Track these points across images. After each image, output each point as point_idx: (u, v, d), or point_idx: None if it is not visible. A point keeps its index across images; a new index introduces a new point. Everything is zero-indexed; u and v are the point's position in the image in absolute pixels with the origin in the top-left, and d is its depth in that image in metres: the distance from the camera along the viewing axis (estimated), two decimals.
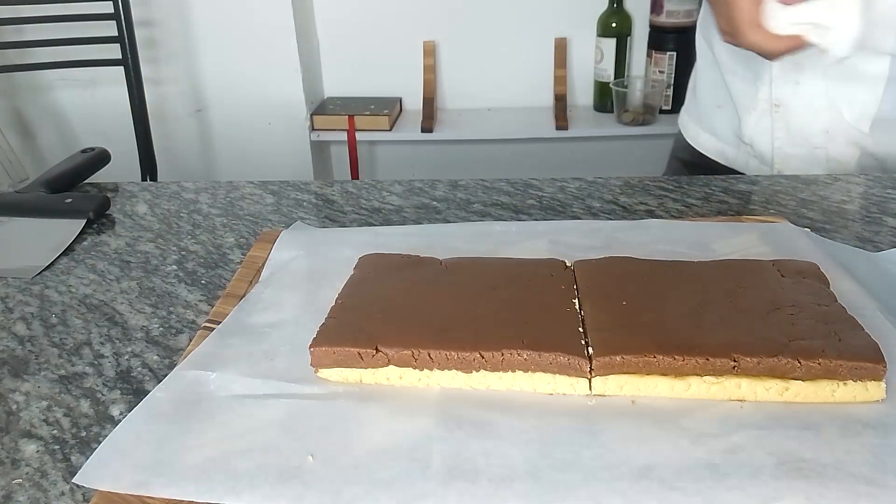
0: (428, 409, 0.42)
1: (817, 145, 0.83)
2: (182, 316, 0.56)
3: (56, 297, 0.59)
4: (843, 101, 0.80)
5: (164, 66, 1.99)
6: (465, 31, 2.05)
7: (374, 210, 0.71)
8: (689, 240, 0.59)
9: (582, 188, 0.74)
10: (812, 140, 0.83)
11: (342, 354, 0.44)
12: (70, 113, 2.07)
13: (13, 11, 1.66)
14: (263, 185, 0.78)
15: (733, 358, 0.41)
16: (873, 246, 0.61)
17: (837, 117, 0.81)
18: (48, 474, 0.41)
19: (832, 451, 0.37)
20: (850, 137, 0.81)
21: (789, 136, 0.85)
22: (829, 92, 0.80)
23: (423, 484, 0.36)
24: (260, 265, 0.58)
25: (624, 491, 0.35)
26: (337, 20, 2.06)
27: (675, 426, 0.39)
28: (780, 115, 0.84)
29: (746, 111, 0.87)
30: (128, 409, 0.44)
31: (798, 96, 0.82)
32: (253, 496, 0.36)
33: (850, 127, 0.80)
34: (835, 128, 0.81)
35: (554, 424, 0.40)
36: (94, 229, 0.70)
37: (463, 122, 2.06)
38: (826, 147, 0.83)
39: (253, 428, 0.41)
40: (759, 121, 0.86)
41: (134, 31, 1.59)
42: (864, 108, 0.79)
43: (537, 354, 0.42)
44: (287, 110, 2.02)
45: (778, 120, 0.84)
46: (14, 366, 0.51)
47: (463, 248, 0.57)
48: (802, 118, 0.83)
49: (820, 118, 0.82)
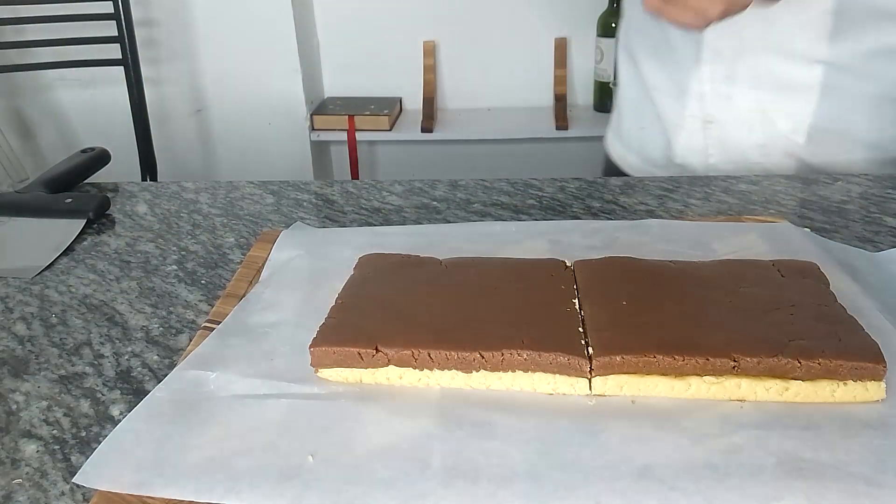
0: (428, 409, 0.42)
1: (754, 160, 0.81)
2: (182, 316, 0.56)
3: (56, 297, 0.59)
4: (776, 112, 0.78)
5: (164, 66, 1.99)
6: (465, 31, 2.05)
7: (374, 210, 0.71)
8: (689, 240, 0.59)
9: (582, 188, 0.74)
10: (748, 155, 0.81)
11: (342, 354, 0.44)
12: (70, 113, 2.07)
13: (13, 11, 1.66)
14: (263, 185, 0.78)
15: (733, 358, 0.41)
16: (873, 246, 0.61)
17: (772, 130, 0.79)
18: (48, 474, 0.41)
19: (832, 451, 0.37)
20: (787, 149, 0.79)
21: (724, 152, 0.82)
22: (763, 104, 0.78)
23: (423, 484, 0.36)
24: (260, 265, 0.58)
25: (624, 491, 0.35)
26: (337, 20, 2.06)
27: (675, 426, 0.40)
28: (712, 131, 0.81)
29: (676, 130, 0.84)
30: (128, 409, 0.44)
31: (731, 111, 0.79)
32: (253, 496, 0.36)
33: (786, 139, 0.78)
34: (770, 141, 0.79)
35: (554, 424, 0.40)
36: (94, 229, 0.70)
37: (463, 122, 2.06)
38: (762, 161, 0.80)
39: (253, 428, 0.41)
40: (691, 139, 0.83)
41: (134, 31, 1.59)
42: (798, 118, 0.77)
43: (537, 354, 0.42)
44: (287, 110, 2.02)
45: (711, 137, 0.81)
46: (14, 366, 0.51)
47: (463, 248, 0.57)
48: (737, 133, 0.80)
49: (755, 132, 0.79)
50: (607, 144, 0.98)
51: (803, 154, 0.79)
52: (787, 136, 0.78)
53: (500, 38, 2.04)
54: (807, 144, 0.78)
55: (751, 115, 0.79)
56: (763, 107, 0.78)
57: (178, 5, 1.92)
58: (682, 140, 0.84)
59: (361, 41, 2.07)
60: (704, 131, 0.81)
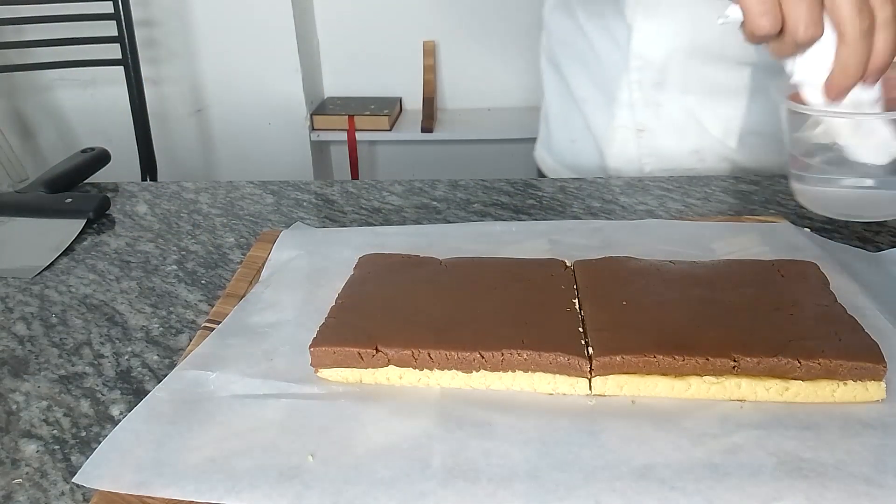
0: (428, 409, 0.42)
1: (689, 166, 0.79)
2: (182, 316, 0.56)
3: (56, 297, 0.59)
4: (707, 117, 0.77)
5: (164, 66, 1.99)
6: (465, 31, 2.05)
7: (374, 210, 0.71)
8: (689, 240, 0.59)
9: (582, 188, 0.74)
10: (683, 162, 0.80)
11: (342, 354, 0.44)
12: (70, 113, 2.07)
13: (13, 11, 1.66)
14: (263, 185, 0.78)
15: (733, 358, 0.41)
16: (873, 246, 0.61)
17: (705, 135, 0.78)
18: (48, 474, 0.41)
19: (832, 451, 0.37)
20: (720, 154, 0.78)
21: (658, 160, 0.81)
22: (693, 110, 0.77)
23: (423, 484, 0.36)
24: (260, 265, 0.58)
25: (624, 491, 0.35)
26: (337, 20, 2.06)
27: (675, 426, 0.39)
28: (645, 140, 0.80)
29: (607, 141, 0.82)
30: (128, 409, 0.44)
31: (661, 118, 0.78)
32: (253, 496, 0.36)
33: (719, 143, 0.78)
34: (704, 146, 0.78)
35: (554, 424, 0.40)
36: (94, 229, 0.70)
37: (463, 122, 2.06)
38: (697, 167, 0.79)
39: (253, 428, 0.41)
40: (624, 149, 0.81)
41: (134, 31, 1.59)
42: (729, 123, 0.76)
43: (537, 354, 0.42)
44: (287, 110, 2.02)
45: (644, 146, 0.80)
46: (14, 366, 0.51)
47: (463, 248, 0.57)
48: (669, 140, 0.79)
49: (687, 138, 0.78)
50: (537, 157, 0.96)
51: (737, 158, 0.78)
52: (719, 140, 0.77)
53: (500, 38, 2.04)
54: (739, 148, 0.77)
55: (682, 121, 0.78)
56: (694, 112, 0.77)
57: (178, 5, 1.92)
58: (615, 150, 0.82)
59: (361, 41, 2.07)
60: (637, 140, 0.80)
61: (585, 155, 0.86)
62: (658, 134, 0.79)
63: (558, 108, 0.89)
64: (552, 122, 0.92)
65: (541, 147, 0.96)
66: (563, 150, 0.90)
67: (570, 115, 0.87)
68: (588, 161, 0.86)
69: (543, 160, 0.95)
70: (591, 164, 0.86)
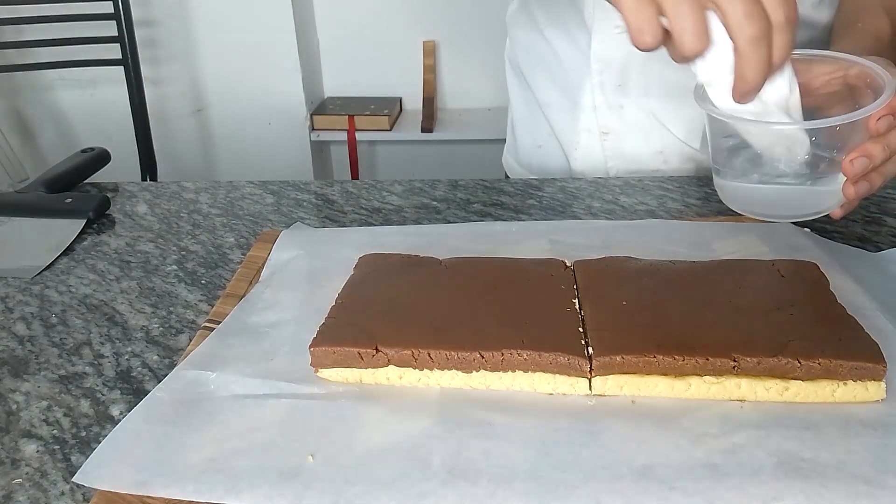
0: (428, 409, 0.42)
1: (654, 167, 0.80)
2: (182, 316, 0.56)
3: (56, 297, 0.59)
4: (670, 119, 0.77)
5: (164, 66, 1.99)
6: (465, 31, 2.05)
7: (374, 210, 0.71)
8: (689, 240, 0.59)
9: (582, 188, 0.74)
10: (648, 163, 0.80)
11: (342, 354, 0.44)
12: (70, 113, 2.07)
13: (13, 11, 1.66)
14: (263, 185, 0.78)
15: (733, 358, 0.41)
16: (873, 246, 0.61)
17: (668, 136, 0.78)
18: (48, 474, 0.41)
19: (832, 451, 0.37)
20: (685, 154, 0.79)
21: (624, 162, 0.81)
22: (656, 111, 0.77)
23: (423, 484, 0.36)
24: (260, 265, 0.58)
25: (624, 491, 0.35)
26: (337, 20, 2.06)
27: (675, 426, 0.40)
28: (609, 142, 0.80)
29: (572, 145, 0.82)
30: (128, 409, 0.44)
31: (625, 120, 0.78)
32: (253, 496, 0.36)
33: (682, 144, 0.78)
34: (668, 147, 0.79)
35: (554, 424, 0.40)
36: (94, 229, 0.70)
37: (463, 122, 2.06)
38: (663, 168, 0.80)
39: (253, 428, 0.41)
40: (589, 153, 0.82)
41: (134, 31, 1.59)
42: (691, 123, 0.76)
43: (537, 354, 0.42)
44: (287, 110, 2.02)
45: (609, 148, 0.80)
46: (14, 366, 0.51)
47: (463, 248, 0.57)
48: (633, 142, 0.79)
49: (651, 140, 0.79)
50: (504, 164, 0.96)
51: (702, 158, 0.79)
52: (683, 141, 0.78)
53: (500, 38, 2.04)
54: (702, 148, 0.77)
55: (645, 123, 0.78)
56: (656, 114, 0.77)
57: (178, 5, 1.92)
58: (580, 154, 0.82)
59: (361, 41, 2.07)
60: (601, 143, 0.80)
61: (551, 159, 0.86)
62: (622, 136, 0.80)
63: (523, 114, 0.90)
64: (517, 128, 0.92)
65: (507, 153, 0.96)
66: (529, 156, 0.90)
67: (535, 121, 0.87)
68: (554, 165, 0.86)
69: (510, 167, 0.95)
70: (557, 168, 0.86)
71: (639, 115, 0.78)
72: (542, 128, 0.86)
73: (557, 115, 0.83)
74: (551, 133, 0.85)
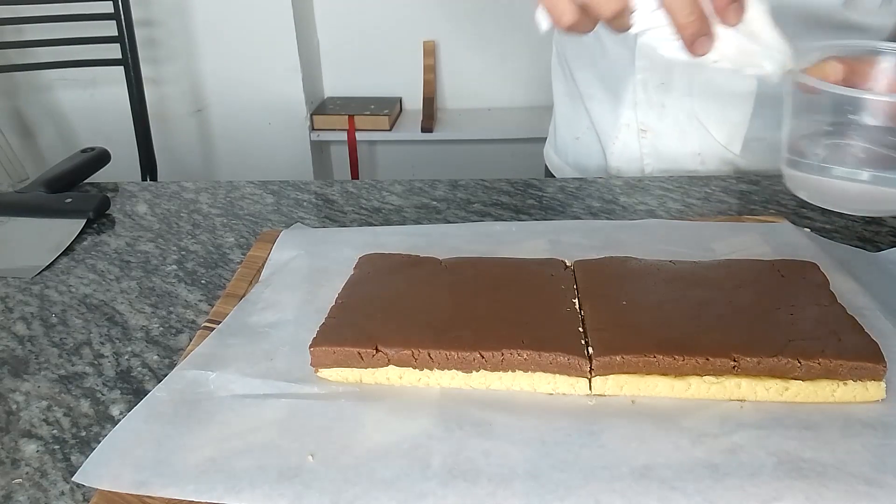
0: (428, 409, 0.42)
1: (690, 168, 0.80)
2: (182, 316, 0.56)
3: (56, 297, 0.59)
4: (711, 121, 0.76)
5: (164, 66, 1.99)
6: (465, 31, 2.04)
7: (374, 210, 0.71)
8: (689, 240, 0.59)
9: (582, 188, 0.74)
10: (684, 164, 0.79)
11: (342, 354, 0.44)
12: (70, 113, 2.07)
13: (13, 11, 1.66)
14: (263, 185, 0.78)
15: (733, 358, 0.41)
16: (873, 246, 0.61)
17: (708, 138, 0.77)
18: (48, 474, 0.41)
19: (832, 451, 0.37)
20: (723, 158, 0.78)
21: (660, 161, 0.81)
22: (698, 114, 0.76)
23: (423, 484, 0.36)
24: (260, 265, 0.58)
25: (624, 491, 0.35)
26: (337, 20, 2.06)
27: (675, 426, 0.39)
28: (647, 140, 0.80)
29: (610, 139, 0.82)
30: (128, 409, 0.44)
31: (665, 120, 0.78)
32: (253, 496, 0.36)
33: (722, 148, 0.78)
34: (706, 150, 0.78)
35: (554, 424, 0.40)
36: (94, 229, 0.70)
37: (463, 122, 2.06)
38: (699, 169, 0.80)
39: (253, 428, 0.41)
40: (626, 148, 0.81)
41: (134, 31, 1.59)
42: (733, 128, 0.76)
43: (537, 354, 0.42)
44: (287, 110, 2.02)
45: (646, 146, 0.80)
46: (14, 366, 0.51)
47: (463, 248, 0.57)
48: (671, 141, 0.79)
49: (690, 141, 0.78)
50: (545, 155, 0.97)
51: (740, 163, 0.78)
52: (723, 145, 0.77)
53: (500, 38, 2.04)
54: (743, 153, 0.77)
55: (685, 123, 0.78)
56: (698, 116, 0.77)
57: (178, 5, 1.92)
58: (617, 149, 0.82)
59: (361, 41, 2.07)
60: (639, 140, 0.80)
61: (589, 153, 0.86)
62: (661, 135, 0.79)
63: (565, 105, 0.90)
64: (559, 120, 0.92)
65: (548, 145, 0.97)
66: (567, 148, 0.90)
67: (576, 113, 0.87)
68: (591, 159, 0.86)
69: (550, 158, 0.95)
70: (594, 163, 0.86)
71: (679, 115, 0.78)
72: (582, 120, 0.86)
73: (598, 107, 0.83)
74: (591, 126, 0.85)
